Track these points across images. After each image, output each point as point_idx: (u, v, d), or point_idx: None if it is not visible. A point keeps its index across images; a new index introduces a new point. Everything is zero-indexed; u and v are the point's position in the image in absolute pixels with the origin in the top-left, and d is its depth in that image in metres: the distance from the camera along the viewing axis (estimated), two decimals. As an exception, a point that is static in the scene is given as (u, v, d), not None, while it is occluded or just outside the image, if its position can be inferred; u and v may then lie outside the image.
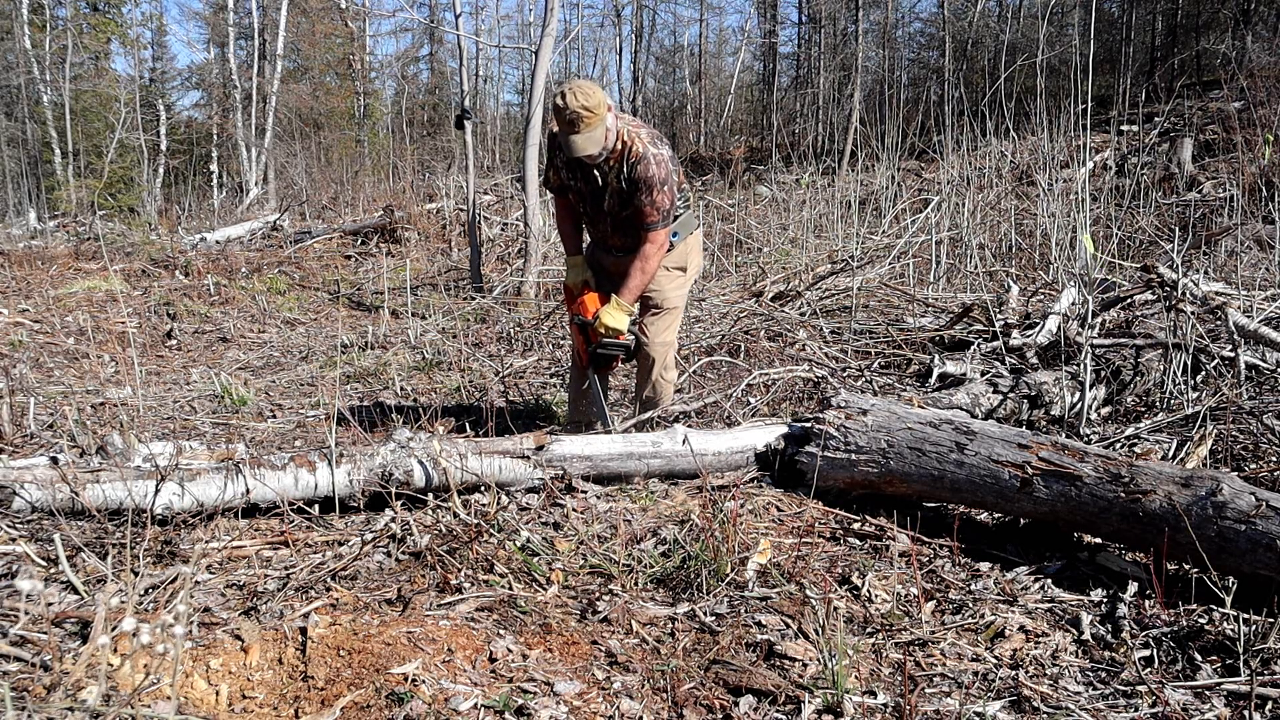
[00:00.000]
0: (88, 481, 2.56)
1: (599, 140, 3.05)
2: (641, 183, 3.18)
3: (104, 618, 1.55)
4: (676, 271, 3.53)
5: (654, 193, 3.18)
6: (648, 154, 3.17)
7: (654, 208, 3.21)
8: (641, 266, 3.28)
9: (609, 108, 3.08)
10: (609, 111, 3.08)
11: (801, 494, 2.98)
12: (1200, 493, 2.24)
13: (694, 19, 25.35)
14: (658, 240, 3.26)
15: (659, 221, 3.24)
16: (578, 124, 3.01)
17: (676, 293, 3.53)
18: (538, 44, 7.26)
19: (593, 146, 3.05)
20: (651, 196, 3.19)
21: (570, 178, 3.36)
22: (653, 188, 3.17)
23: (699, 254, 3.64)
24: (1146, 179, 8.67)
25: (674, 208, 3.28)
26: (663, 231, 3.26)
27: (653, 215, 3.22)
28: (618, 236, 3.41)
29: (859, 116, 15.33)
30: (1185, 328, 3.72)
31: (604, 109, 3.03)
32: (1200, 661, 1.98)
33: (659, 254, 3.29)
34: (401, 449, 2.82)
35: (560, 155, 3.34)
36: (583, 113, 3.00)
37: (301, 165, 16.14)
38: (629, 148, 3.19)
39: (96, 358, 5.54)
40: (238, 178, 21.90)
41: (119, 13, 24.98)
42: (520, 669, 1.92)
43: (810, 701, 1.85)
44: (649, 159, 3.17)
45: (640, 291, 3.34)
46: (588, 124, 3.01)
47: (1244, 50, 12.54)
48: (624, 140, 3.19)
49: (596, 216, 3.42)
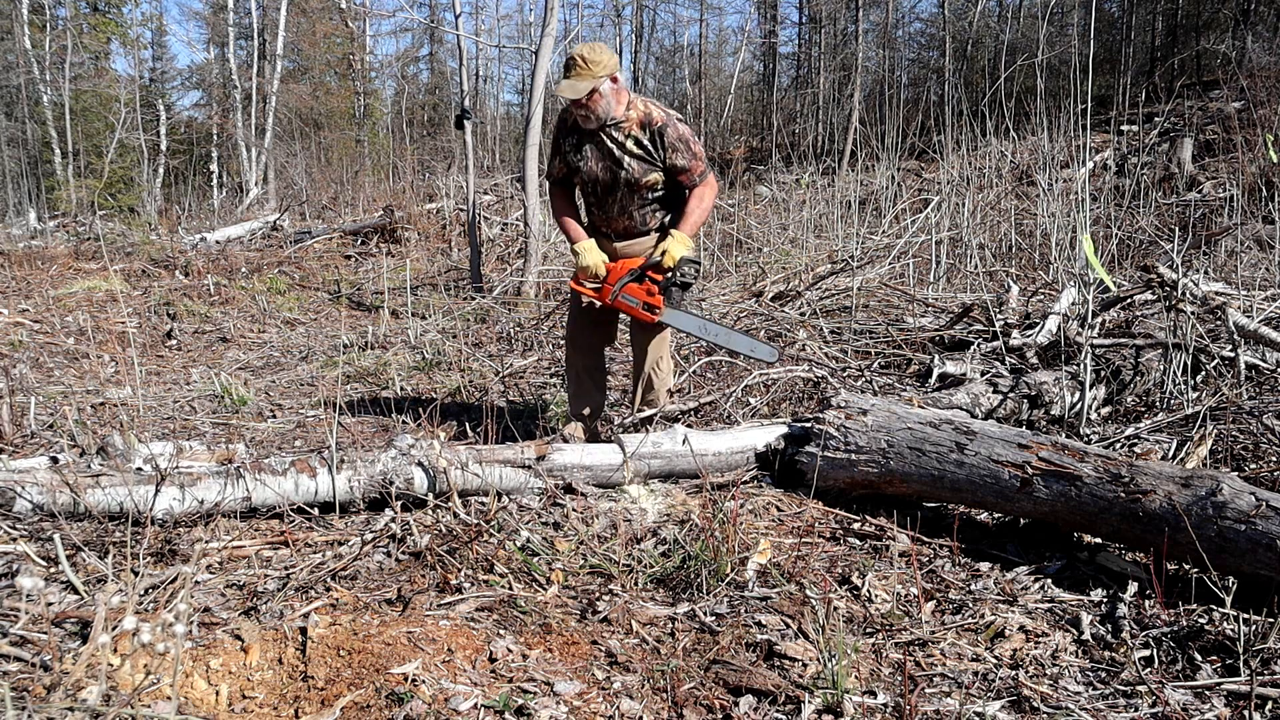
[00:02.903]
0: (88, 486, 2.56)
1: (580, 91, 3.22)
2: (678, 141, 3.35)
3: (104, 617, 1.55)
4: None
5: (690, 145, 3.37)
6: (670, 118, 3.37)
7: (696, 159, 3.39)
8: (698, 205, 3.42)
9: (613, 78, 3.26)
10: (611, 80, 3.26)
11: (801, 494, 2.98)
12: (1200, 493, 2.24)
13: (694, 19, 25.36)
14: (711, 183, 3.45)
15: (706, 169, 3.43)
16: (571, 69, 3.23)
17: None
18: (538, 44, 7.26)
19: (571, 93, 3.23)
20: (691, 150, 3.37)
21: (580, 159, 3.44)
22: (688, 142, 3.37)
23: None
24: (1146, 179, 8.67)
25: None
26: (712, 176, 3.46)
27: (699, 166, 3.40)
28: (624, 217, 3.45)
29: (859, 116, 15.33)
30: (1185, 328, 3.72)
31: (602, 70, 3.21)
32: (1200, 661, 1.98)
33: (713, 194, 3.47)
34: (403, 456, 2.83)
35: (569, 140, 3.46)
36: (579, 60, 3.22)
37: (301, 165, 16.14)
38: (648, 115, 3.35)
39: (96, 358, 5.54)
40: (238, 178, 21.90)
41: (119, 13, 24.98)
42: (520, 669, 1.92)
43: (810, 701, 1.85)
44: (673, 121, 3.36)
45: (698, 227, 3.44)
46: (579, 73, 3.21)
47: (1244, 50, 12.54)
48: (639, 109, 3.36)
49: (606, 197, 3.45)
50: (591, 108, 3.27)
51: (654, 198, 3.44)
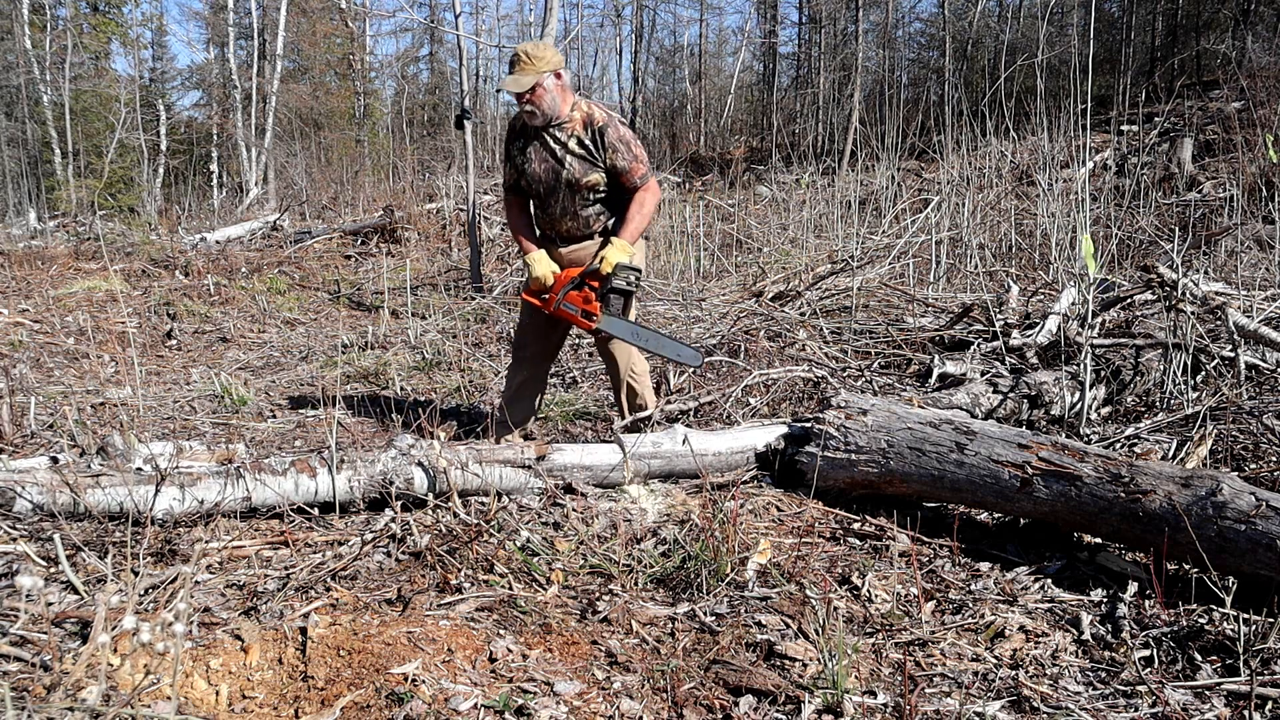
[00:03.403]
0: (88, 486, 2.56)
1: (523, 85, 3.26)
2: (619, 142, 3.35)
3: (104, 617, 1.55)
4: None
5: (631, 146, 3.37)
6: (611, 119, 3.38)
7: (638, 161, 3.38)
8: (639, 210, 3.39)
9: (557, 74, 3.30)
10: (555, 76, 3.30)
11: (801, 494, 2.98)
12: (1200, 493, 2.24)
13: (694, 19, 25.35)
14: (652, 188, 3.42)
15: (647, 173, 3.41)
16: (515, 65, 3.28)
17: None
18: (538, 44, 7.25)
19: (514, 87, 3.26)
20: (632, 152, 3.37)
21: (525, 161, 3.45)
22: (629, 143, 3.36)
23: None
24: (1146, 179, 8.67)
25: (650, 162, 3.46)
26: (653, 181, 3.43)
27: (640, 168, 3.39)
28: (568, 219, 3.45)
29: (859, 116, 15.33)
30: (1185, 328, 3.72)
31: (545, 65, 3.26)
32: (1200, 661, 1.98)
33: (655, 199, 3.44)
34: (403, 456, 2.83)
35: (516, 144, 3.49)
36: (523, 56, 3.28)
37: (301, 165, 16.13)
38: (590, 115, 3.37)
39: (96, 358, 5.54)
40: (238, 178, 21.89)
41: (119, 13, 24.97)
42: (520, 669, 1.92)
43: (810, 701, 1.85)
44: (614, 122, 3.37)
45: (639, 234, 3.40)
46: (522, 68, 3.26)
47: (1244, 50, 12.54)
48: (582, 110, 3.38)
49: (549, 198, 3.45)
50: (536, 103, 3.29)
51: (596, 199, 3.43)
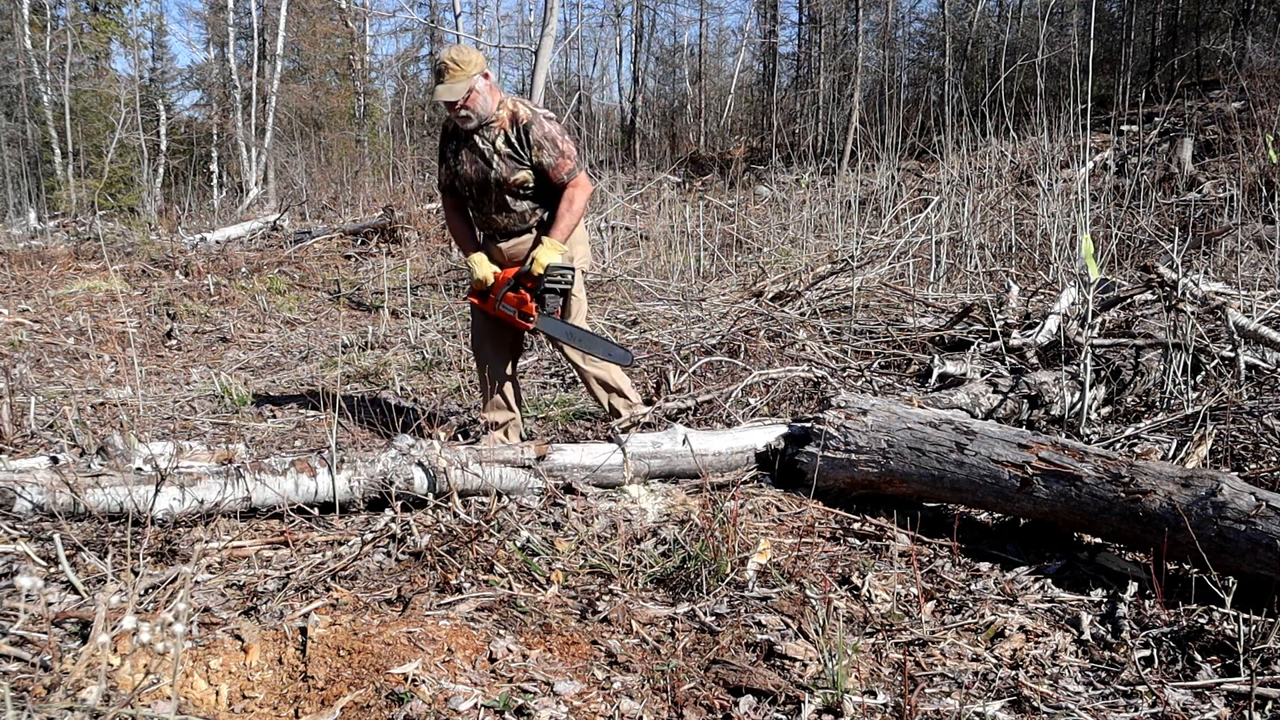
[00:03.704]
0: (88, 486, 2.56)
1: (458, 93, 3.24)
2: (544, 139, 3.31)
3: (104, 617, 1.55)
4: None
5: (557, 143, 3.32)
6: (536, 115, 3.33)
7: (564, 157, 3.33)
8: (567, 208, 3.35)
9: (484, 74, 3.28)
10: (483, 77, 3.27)
11: (801, 494, 2.98)
12: (1200, 493, 2.24)
13: (694, 19, 25.35)
14: (580, 183, 3.38)
15: (575, 168, 3.36)
16: (443, 74, 3.24)
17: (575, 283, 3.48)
18: (538, 44, 7.26)
19: (450, 95, 3.24)
20: (558, 148, 3.32)
21: (457, 163, 3.45)
22: (554, 139, 3.31)
23: (585, 248, 3.62)
24: (1146, 179, 8.67)
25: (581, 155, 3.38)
26: (583, 175, 3.39)
27: (566, 164, 3.34)
28: (502, 215, 3.43)
29: (859, 116, 15.33)
30: (1185, 328, 3.72)
31: (474, 69, 3.24)
32: (1200, 661, 1.98)
33: (583, 194, 3.39)
34: (403, 456, 2.83)
35: (449, 146, 3.48)
36: (450, 64, 3.23)
37: (301, 165, 16.13)
38: (515, 112, 3.34)
39: (96, 358, 5.54)
40: (238, 178, 21.90)
41: (119, 13, 24.98)
42: (520, 669, 1.92)
43: (810, 701, 1.85)
44: (539, 119, 3.32)
45: (569, 229, 3.36)
46: (452, 75, 3.23)
47: (1244, 50, 12.54)
48: (508, 108, 3.34)
49: (482, 198, 3.44)
50: (471, 107, 3.28)
51: (526, 195, 3.40)
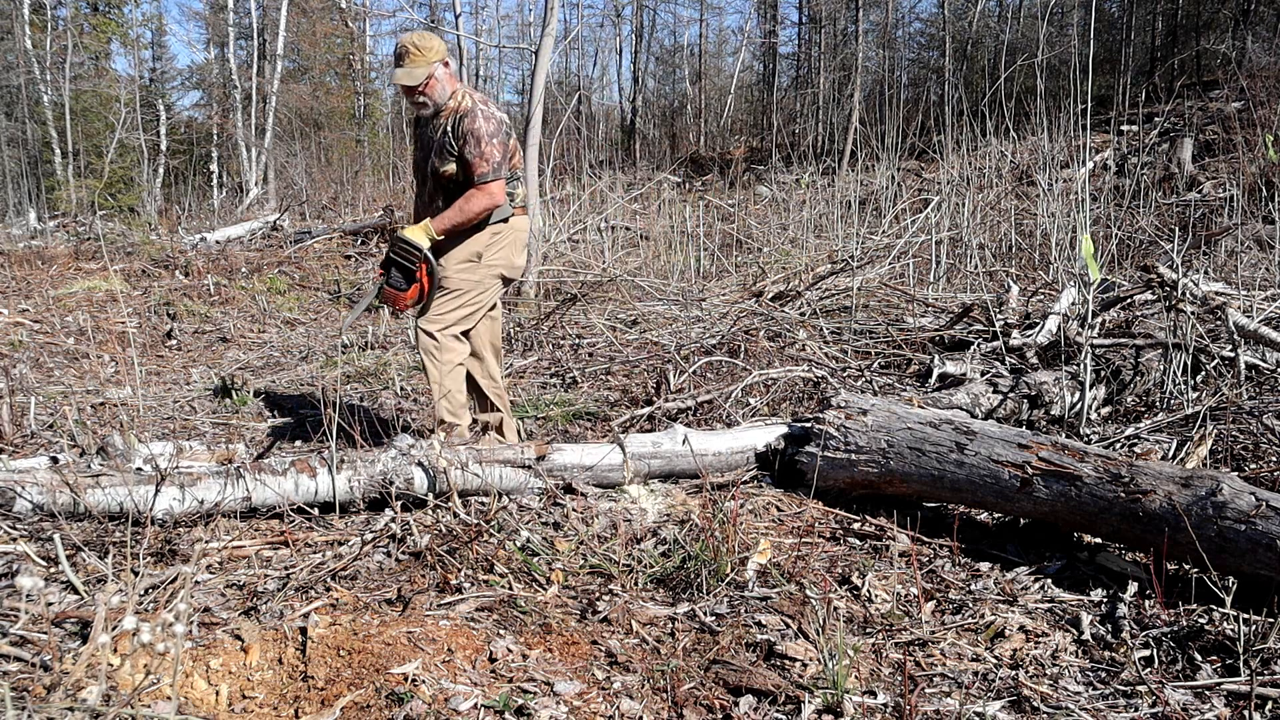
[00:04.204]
0: (88, 486, 2.56)
1: (416, 78, 3.23)
2: (469, 135, 3.24)
3: (104, 617, 1.55)
4: (469, 254, 3.39)
5: (481, 144, 3.24)
6: (475, 109, 3.27)
7: (482, 158, 3.24)
8: (460, 205, 3.28)
9: (444, 63, 3.28)
10: (443, 65, 3.27)
11: (801, 494, 2.98)
12: (1200, 493, 2.24)
13: (694, 19, 25.36)
14: (488, 190, 3.28)
15: (489, 173, 3.26)
16: (403, 58, 3.23)
17: (460, 275, 3.37)
18: (538, 44, 7.26)
19: (408, 80, 3.23)
20: (480, 148, 3.24)
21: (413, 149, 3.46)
22: (480, 139, 3.24)
23: (508, 250, 3.46)
24: (1146, 179, 8.67)
25: (505, 164, 3.30)
26: (494, 184, 3.28)
27: (481, 166, 3.25)
28: (434, 206, 3.40)
29: (859, 116, 15.33)
30: (1185, 328, 3.72)
31: (434, 55, 3.24)
32: (1200, 661, 1.98)
33: (485, 200, 3.28)
34: (403, 456, 2.83)
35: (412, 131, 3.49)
36: (411, 48, 3.23)
37: (301, 165, 16.14)
38: (460, 102, 3.30)
39: (96, 358, 5.54)
40: (238, 178, 21.90)
41: (119, 13, 24.98)
42: (520, 669, 1.92)
43: (810, 701, 1.85)
44: (476, 113, 3.26)
45: (451, 224, 3.28)
46: (413, 60, 3.22)
47: (1244, 50, 12.54)
48: (458, 98, 3.31)
49: (422, 186, 3.46)
50: (429, 94, 3.27)
51: (456, 188, 3.33)
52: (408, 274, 3.30)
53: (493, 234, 3.40)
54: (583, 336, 5.73)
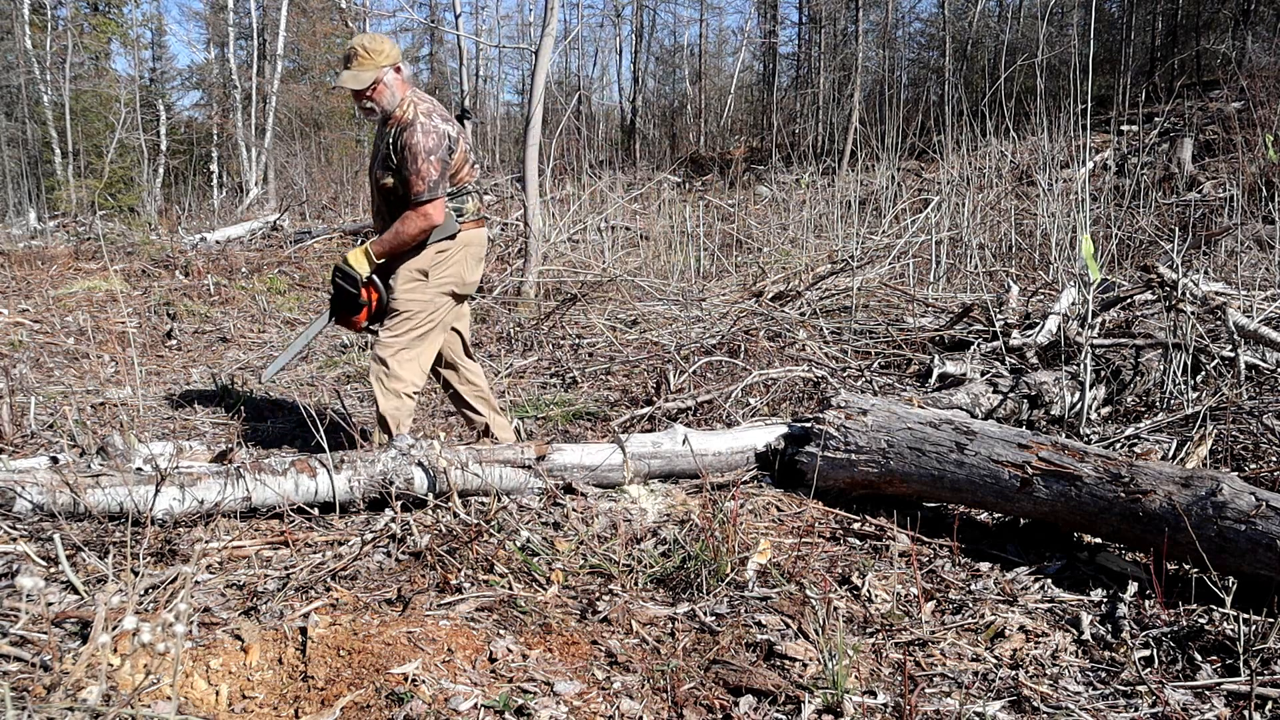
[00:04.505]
0: (88, 486, 2.56)
1: (363, 82, 3.09)
2: (407, 150, 3.08)
3: (104, 617, 1.55)
4: (415, 274, 3.25)
5: (418, 161, 3.07)
6: (416, 122, 3.10)
7: (419, 176, 3.08)
8: (397, 227, 3.14)
9: (396, 68, 3.14)
10: (394, 71, 3.14)
11: (801, 494, 2.98)
12: (1200, 493, 2.24)
13: (694, 19, 25.37)
14: (425, 212, 3.12)
15: (424, 193, 3.09)
16: (351, 60, 3.10)
17: (407, 297, 3.23)
18: (538, 44, 7.26)
19: (353, 84, 3.10)
20: (417, 165, 3.07)
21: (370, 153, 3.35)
22: (417, 156, 3.06)
23: (458, 267, 3.30)
24: (1146, 179, 8.67)
25: (444, 182, 3.14)
26: (430, 205, 3.11)
27: (417, 185, 3.09)
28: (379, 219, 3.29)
29: (859, 116, 15.33)
30: (1185, 328, 3.72)
31: (384, 59, 3.10)
32: (1200, 661, 1.98)
33: (421, 222, 3.13)
34: (403, 456, 2.83)
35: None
36: (359, 50, 3.09)
37: (301, 165, 16.14)
38: (404, 113, 3.13)
39: (96, 358, 5.54)
40: (238, 178, 21.91)
41: (119, 13, 25.00)
42: (520, 669, 1.92)
43: (810, 701, 1.85)
44: (416, 127, 3.09)
45: (389, 248, 3.17)
46: (360, 63, 3.09)
47: (1244, 50, 12.54)
48: (403, 106, 3.15)
49: (372, 198, 3.33)
50: (376, 99, 3.13)
51: (397, 201, 3.19)
52: (353, 300, 3.22)
53: (437, 251, 3.25)
54: (583, 336, 5.73)
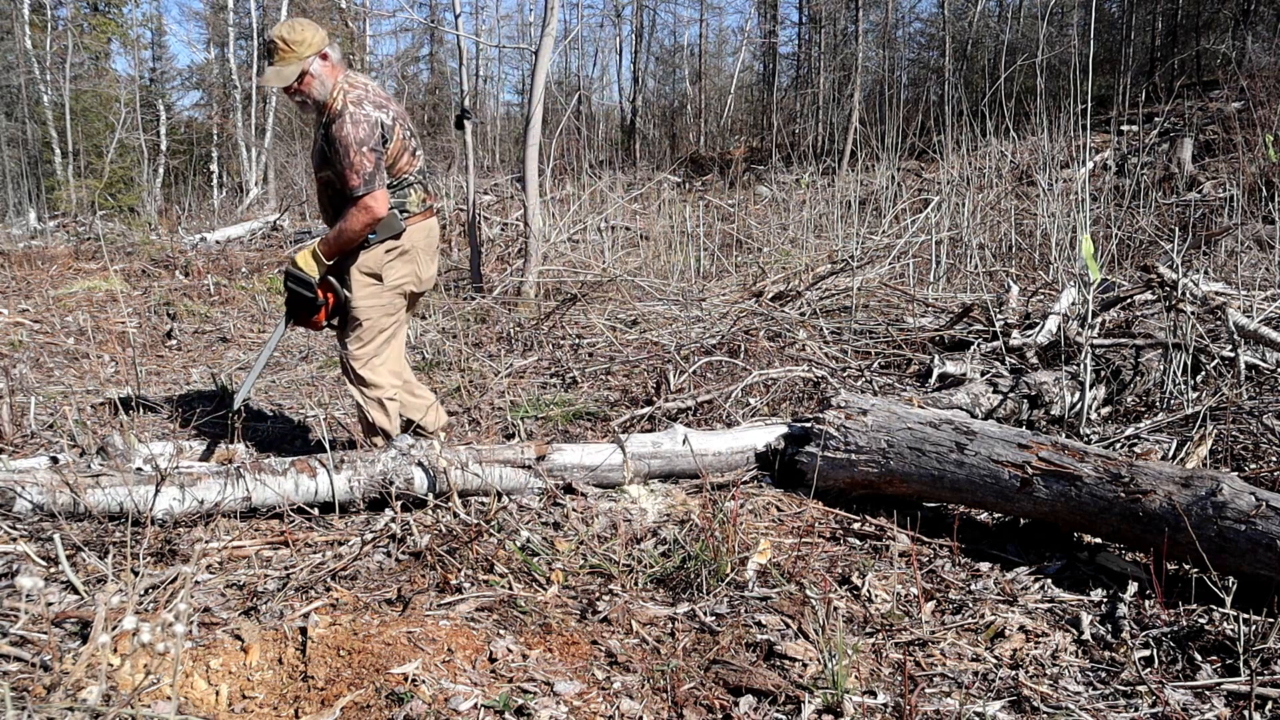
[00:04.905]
0: (88, 486, 2.56)
1: (287, 78, 2.91)
2: (338, 142, 2.91)
3: (104, 617, 1.55)
4: (367, 278, 3.12)
5: (350, 153, 2.90)
6: (345, 112, 2.92)
7: (352, 170, 2.91)
8: (341, 225, 3.00)
9: (323, 55, 2.95)
10: (321, 59, 2.95)
11: (801, 494, 2.98)
12: (1200, 493, 2.24)
13: (694, 19, 25.36)
14: (365, 205, 2.96)
15: (360, 186, 2.93)
16: (273, 54, 2.91)
17: (366, 302, 3.13)
18: (538, 44, 7.26)
19: (278, 81, 2.91)
20: (349, 158, 2.91)
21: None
22: (348, 148, 2.90)
23: (411, 265, 3.20)
24: (1146, 179, 8.67)
25: (381, 172, 2.98)
26: (369, 197, 2.95)
27: (352, 179, 2.93)
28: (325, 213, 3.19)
29: (859, 116, 15.33)
30: (1185, 328, 3.72)
31: (308, 49, 2.91)
32: (1200, 661, 1.98)
33: (363, 216, 2.97)
34: (403, 456, 2.83)
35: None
36: (279, 43, 2.89)
37: (301, 165, 16.13)
38: (334, 101, 2.97)
39: (96, 358, 5.54)
40: (238, 178, 21.91)
41: (119, 13, 25.00)
42: (520, 669, 1.92)
43: (810, 701, 1.85)
44: (344, 117, 2.91)
45: (336, 247, 3.03)
46: (282, 57, 2.90)
47: (1244, 50, 12.54)
48: (334, 94, 2.98)
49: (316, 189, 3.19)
50: (307, 92, 2.96)
51: (336, 195, 3.06)
52: (309, 303, 3.14)
53: (387, 251, 3.13)
54: (583, 336, 5.73)
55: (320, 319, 3.21)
